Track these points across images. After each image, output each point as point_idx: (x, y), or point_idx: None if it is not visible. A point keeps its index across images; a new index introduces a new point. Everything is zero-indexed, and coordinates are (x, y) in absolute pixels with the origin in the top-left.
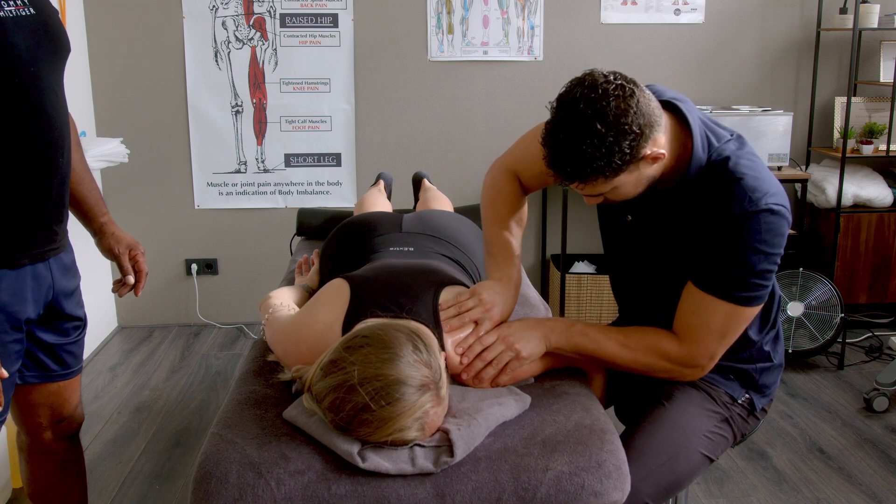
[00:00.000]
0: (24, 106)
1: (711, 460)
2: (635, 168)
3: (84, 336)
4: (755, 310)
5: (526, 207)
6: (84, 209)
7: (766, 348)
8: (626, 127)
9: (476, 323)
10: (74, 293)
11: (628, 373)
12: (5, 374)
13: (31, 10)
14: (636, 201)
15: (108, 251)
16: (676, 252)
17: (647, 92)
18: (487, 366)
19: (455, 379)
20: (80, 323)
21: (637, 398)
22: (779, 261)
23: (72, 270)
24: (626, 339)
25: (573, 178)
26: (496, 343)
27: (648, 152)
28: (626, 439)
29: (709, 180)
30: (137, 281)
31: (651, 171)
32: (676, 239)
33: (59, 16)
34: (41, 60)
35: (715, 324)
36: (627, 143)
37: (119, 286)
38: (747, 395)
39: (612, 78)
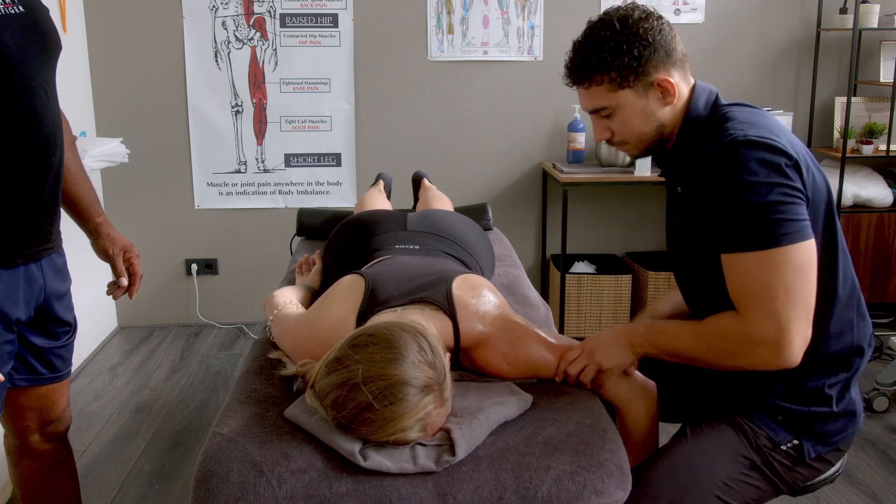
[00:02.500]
0: (14, 104)
1: None
2: (643, 93)
3: (74, 340)
4: (797, 249)
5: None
6: (79, 210)
7: (829, 392)
8: (642, 33)
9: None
10: (65, 296)
11: (664, 396)
12: (1, 377)
13: (21, 9)
14: (680, 198)
15: (103, 252)
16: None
17: (678, 37)
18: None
19: (467, 370)
20: (70, 327)
21: (684, 418)
22: (788, 192)
23: (63, 273)
24: (698, 327)
25: (578, 72)
26: (580, 358)
27: (660, 76)
28: (636, 472)
29: (704, 129)
30: (131, 284)
31: (661, 111)
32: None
33: (50, 13)
34: (31, 59)
35: (756, 282)
36: (638, 48)
37: (113, 288)
38: (795, 442)
39: (646, 7)
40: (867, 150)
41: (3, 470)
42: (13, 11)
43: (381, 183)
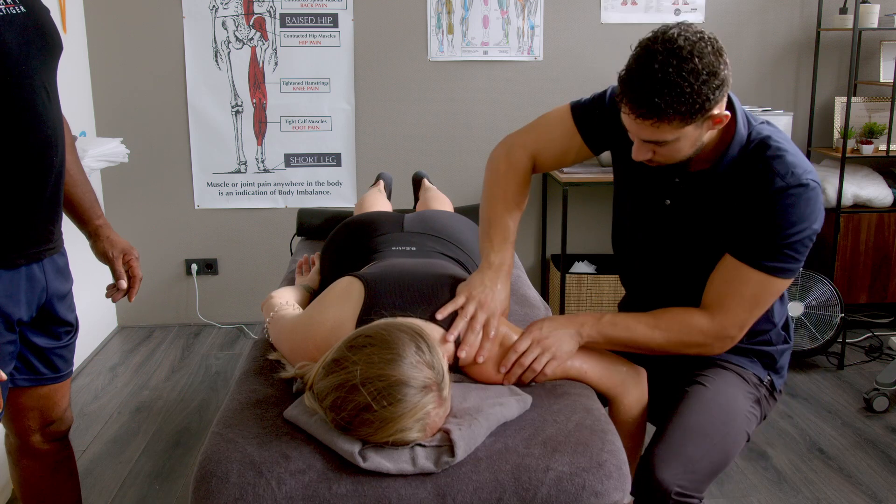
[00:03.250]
0: (15, 104)
1: (748, 439)
2: (701, 125)
3: (75, 340)
4: (786, 283)
5: (528, 193)
6: (79, 212)
7: (782, 331)
8: (718, 72)
9: (486, 326)
10: (67, 297)
11: (651, 370)
12: (4, 376)
13: (22, 9)
14: (676, 186)
15: (102, 255)
16: (712, 234)
17: None
18: (527, 370)
19: (464, 371)
20: (72, 327)
21: (665, 390)
22: (814, 237)
23: (65, 273)
24: (656, 321)
25: (655, 111)
26: (532, 348)
27: (717, 112)
28: (674, 419)
29: (749, 158)
30: (130, 286)
31: (707, 136)
32: (714, 221)
33: (51, 14)
34: (32, 58)
35: (747, 293)
36: (713, 87)
37: (112, 291)
38: (769, 377)
39: (703, 29)
40: (867, 150)
41: (4, 470)
42: (14, 11)
43: (382, 183)
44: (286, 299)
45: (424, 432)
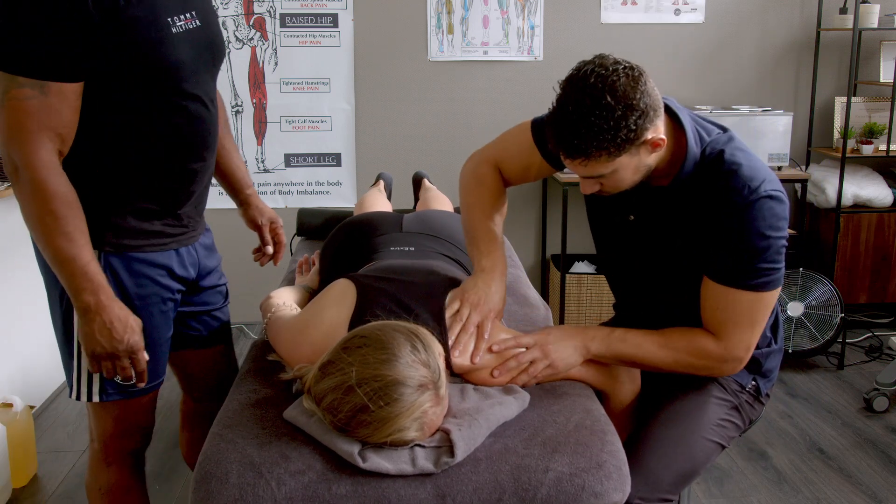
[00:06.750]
0: (184, 113)
1: (723, 447)
2: (636, 152)
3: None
4: (776, 292)
5: (506, 200)
6: (232, 181)
7: (768, 333)
8: (634, 103)
9: (480, 327)
10: (215, 271)
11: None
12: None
13: (198, 23)
14: (638, 201)
15: (252, 222)
16: (680, 249)
17: (651, 81)
18: (522, 372)
19: (462, 378)
20: (224, 290)
21: (647, 392)
22: (786, 243)
23: (212, 249)
24: (666, 340)
25: (578, 151)
26: (533, 348)
27: (650, 136)
28: (644, 431)
29: (706, 174)
30: (276, 252)
31: (650, 159)
32: (680, 236)
33: (219, 20)
34: (200, 72)
35: (742, 315)
36: (633, 119)
37: (260, 255)
38: (754, 382)
39: (621, 60)
40: (867, 150)
41: (4, 470)
42: (191, 26)
43: (382, 183)
44: (284, 300)
45: (422, 431)
